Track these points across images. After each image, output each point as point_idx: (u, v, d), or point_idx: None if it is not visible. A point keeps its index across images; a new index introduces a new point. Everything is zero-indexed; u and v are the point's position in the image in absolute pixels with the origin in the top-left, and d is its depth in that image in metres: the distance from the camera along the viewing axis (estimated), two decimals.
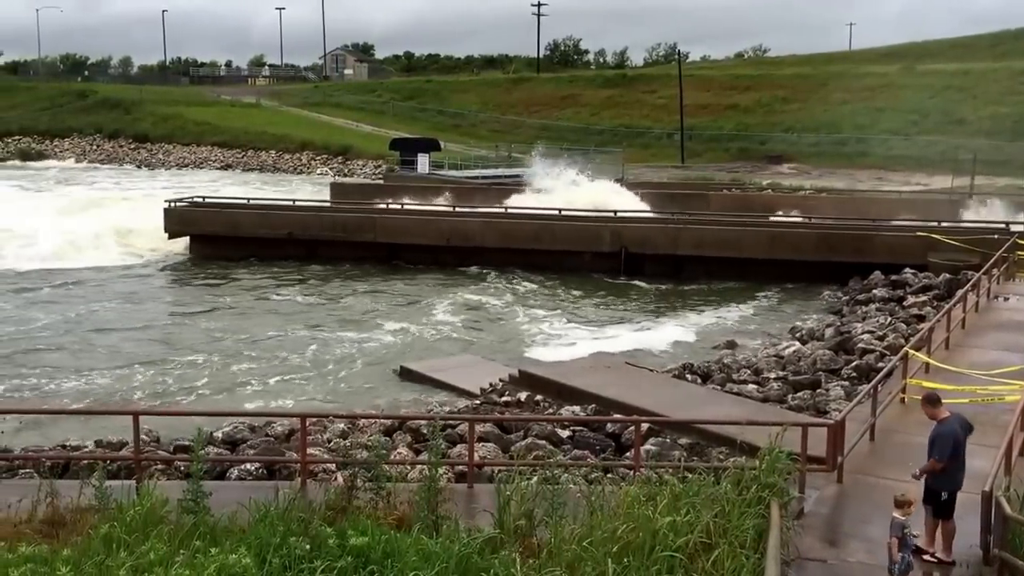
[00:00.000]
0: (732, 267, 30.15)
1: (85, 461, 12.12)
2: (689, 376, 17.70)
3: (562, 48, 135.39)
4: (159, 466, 12.37)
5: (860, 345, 19.37)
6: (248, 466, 12.31)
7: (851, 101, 67.06)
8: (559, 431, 14.02)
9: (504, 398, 16.48)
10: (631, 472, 11.31)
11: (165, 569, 6.57)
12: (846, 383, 17.10)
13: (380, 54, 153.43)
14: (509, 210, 36.51)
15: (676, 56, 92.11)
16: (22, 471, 12.18)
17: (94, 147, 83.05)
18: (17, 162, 77.72)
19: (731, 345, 21.68)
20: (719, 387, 16.98)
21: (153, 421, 14.46)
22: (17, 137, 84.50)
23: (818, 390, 16.70)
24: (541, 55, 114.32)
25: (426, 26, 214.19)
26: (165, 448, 13.65)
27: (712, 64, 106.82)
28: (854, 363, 18.31)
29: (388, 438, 13.82)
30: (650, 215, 35.49)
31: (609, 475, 12.12)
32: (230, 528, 8.14)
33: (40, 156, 79.93)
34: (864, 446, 11.67)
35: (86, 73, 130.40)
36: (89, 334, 22.92)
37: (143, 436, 12.23)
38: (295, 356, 20.86)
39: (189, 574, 6.51)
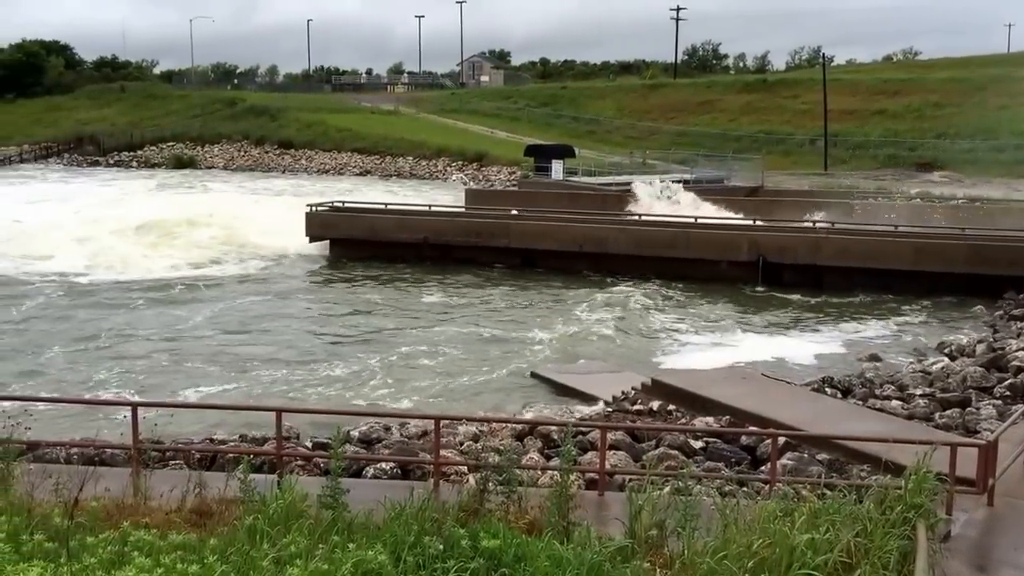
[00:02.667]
0: (877, 278, 29.03)
1: (231, 455, 12.62)
2: (829, 390, 17.12)
3: (700, 53, 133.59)
4: (299, 462, 12.78)
5: (1015, 363, 18.31)
6: (383, 465, 12.58)
7: (1011, 106, 63.55)
8: (692, 442, 13.78)
9: (636, 407, 16.32)
10: (766, 486, 11.00)
11: (305, 562, 6.75)
12: (999, 402, 16.18)
13: (516, 61, 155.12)
14: (643, 217, 36.22)
15: (820, 60, 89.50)
16: (173, 462, 12.78)
17: (241, 153, 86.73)
18: (170, 168, 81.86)
19: (874, 359, 20.85)
20: (860, 402, 16.35)
21: (294, 418, 14.95)
22: (171, 143, 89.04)
23: (968, 409, 15.87)
24: (679, 60, 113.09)
25: (563, 32, 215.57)
26: (305, 445, 14.09)
27: (859, 68, 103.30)
28: (1008, 381, 17.31)
29: (519, 443, 13.88)
30: (790, 224, 34.54)
31: (743, 488, 11.82)
32: (366, 525, 8.31)
33: (192, 162, 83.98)
34: (1018, 469, 11.01)
35: (235, 81, 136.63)
36: (233, 335, 23.91)
37: (284, 432, 12.65)
38: (429, 358, 21.22)
39: (328, 568, 6.67)
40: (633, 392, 17.29)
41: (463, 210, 40.77)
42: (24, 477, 8.90)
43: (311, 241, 36.21)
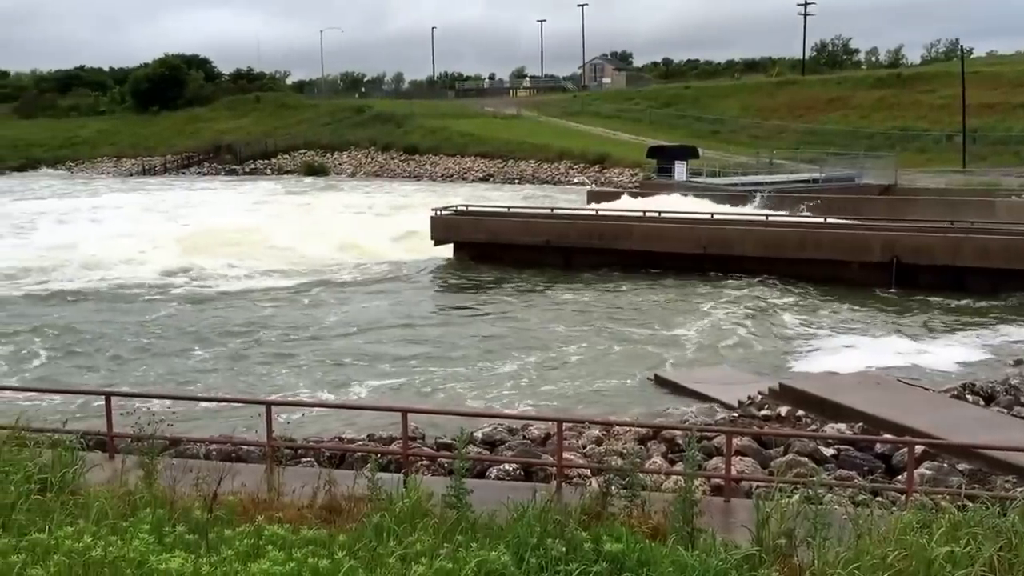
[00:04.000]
0: (1023, 280, 27.55)
1: (359, 453, 12.94)
2: (970, 397, 16.32)
3: (830, 48, 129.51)
4: (424, 462, 12.99)
5: None
6: (506, 466, 12.66)
7: None
8: (823, 449, 13.36)
9: (763, 412, 15.94)
10: (902, 496, 10.57)
11: (430, 560, 6.84)
12: None
13: (639, 62, 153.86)
14: (770, 218, 35.39)
15: (959, 52, 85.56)
16: (304, 460, 13.18)
17: (368, 159, 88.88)
18: (301, 175, 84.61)
19: (1020, 364, 19.78)
20: (1005, 410, 15.53)
21: (419, 419, 15.19)
22: (302, 151, 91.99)
23: None
24: (807, 56, 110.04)
25: (687, 32, 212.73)
26: (429, 445, 14.31)
27: (1000, 60, 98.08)
28: None
29: (643, 446, 13.74)
30: (926, 223, 33.13)
31: (878, 498, 11.37)
32: (489, 525, 8.36)
33: (322, 169, 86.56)
34: None
35: (363, 90, 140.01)
36: (360, 336, 24.50)
37: (410, 433, 12.88)
38: (551, 360, 21.26)
39: (452, 567, 6.74)
40: (760, 397, 16.90)
41: (585, 212, 40.70)
42: (167, 472, 9.32)
43: (436, 244, 36.78)
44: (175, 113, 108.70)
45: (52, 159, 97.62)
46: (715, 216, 35.69)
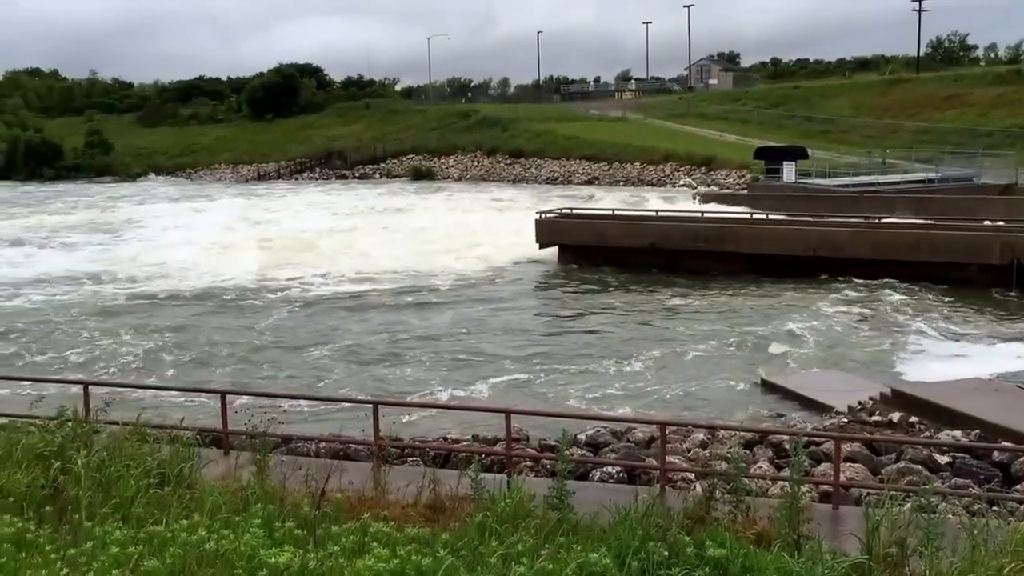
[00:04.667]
0: None
1: (463, 453, 13.09)
2: None
3: (946, 45, 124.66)
4: (527, 463, 13.04)
5: None
6: (609, 469, 12.61)
7: None
8: (937, 456, 12.88)
9: (874, 418, 15.44)
10: (1021, 507, 10.12)
11: (531, 561, 6.87)
12: None
13: (746, 62, 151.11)
14: (882, 219, 34.32)
15: None
16: (410, 459, 13.41)
17: (474, 163, 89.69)
18: (409, 179, 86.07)
19: None
20: None
21: (523, 420, 15.26)
22: (410, 155, 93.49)
23: None
24: (921, 54, 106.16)
25: (795, 31, 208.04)
26: (533, 446, 14.37)
27: None
28: None
29: (748, 451, 13.50)
30: None
31: (994, 508, 10.91)
32: (591, 527, 8.36)
33: (429, 173, 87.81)
34: None
35: (469, 95, 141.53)
36: (466, 337, 24.76)
37: (513, 434, 12.96)
38: (656, 363, 21.09)
39: (553, 568, 6.76)
40: (871, 402, 16.38)
41: (690, 215, 40.21)
42: (278, 468, 9.62)
43: (540, 247, 36.89)
44: (288, 120, 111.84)
45: (173, 166, 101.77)
46: (825, 218, 34.78)
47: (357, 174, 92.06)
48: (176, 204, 67.64)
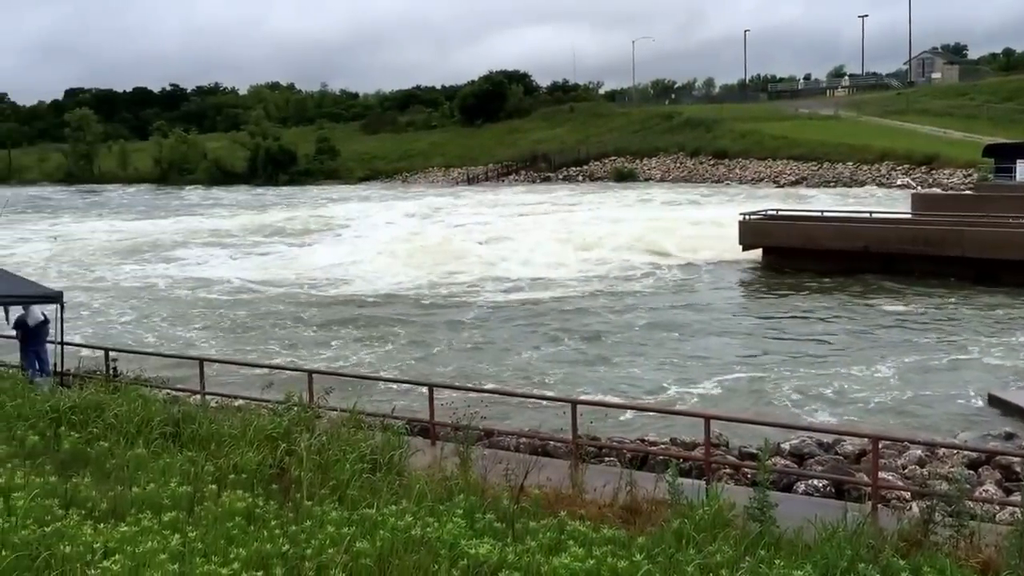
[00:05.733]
0: None
1: (660, 456, 12.94)
2: None
3: None
4: (727, 470, 12.74)
5: None
6: (815, 482, 12.11)
7: None
8: None
9: None
10: None
11: (731, 572, 6.68)
12: None
13: (974, 54, 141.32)
14: None
15: None
16: (607, 459, 13.40)
17: (677, 164, 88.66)
18: (611, 181, 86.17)
19: None
20: None
21: (723, 425, 14.92)
22: (612, 157, 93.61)
23: None
24: None
25: None
26: (733, 453, 14.01)
27: None
28: None
29: (973, 472, 12.58)
30: None
31: None
32: (795, 543, 8.04)
33: (631, 175, 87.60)
34: None
35: (673, 96, 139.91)
36: (668, 339, 24.47)
37: (713, 439, 12.68)
38: (868, 373, 20.06)
39: None
40: None
41: (909, 217, 37.98)
42: (480, 461, 9.85)
43: (744, 250, 35.98)
44: (496, 125, 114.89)
45: (391, 170, 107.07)
46: None
47: (561, 176, 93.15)
48: (384, 205, 70.74)
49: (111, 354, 17.21)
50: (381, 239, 46.28)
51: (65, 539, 5.67)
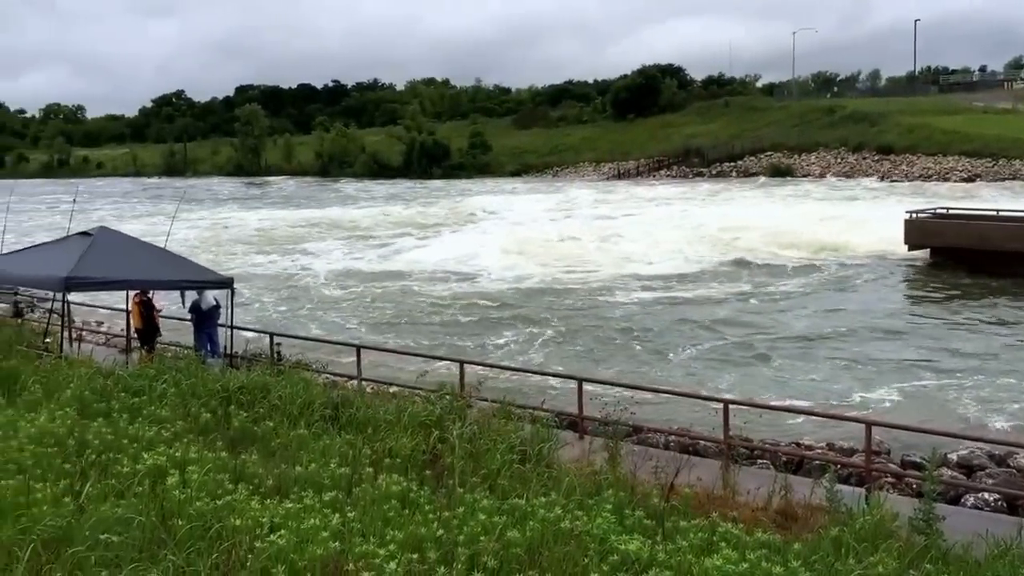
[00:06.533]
0: None
1: (817, 461, 12.52)
2: None
3: None
4: (888, 479, 12.21)
5: None
6: (985, 495, 11.45)
7: None
8: None
9: None
10: None
11: None
12: None
13: None
14: None
15: None
16: (759, 461, 13.07)
17: (838, 160, 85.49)
18: (767, 177, 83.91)
19: None
20: None
21: (884, 433, 14.30)
22: (768, 153, 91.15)
23: None
24: None
25: None
26: (895, 462, 13.42)
27: None
28: None
29: None
30: None
31: None
32: (963, 558, 7.63)
33: (788, 170, 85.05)
34: None
35: (835, 89, 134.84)
36: (830, 339, 23.63)
37: (874, 446, 12.18)
38: None
39: None
40: None
41: None
42: (629, 457, 9.78)
43: (910, 249, 34.40)
44: (649, 120, 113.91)
45: (542, 165, 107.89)
46: None
47: (714, 171, 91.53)
48: (533, 199, 71.21)
49: (275, 339, 18.00)
50: (522, 234, 46.69)
51: (235, 512, 5.96)
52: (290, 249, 45.65)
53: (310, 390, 10.49)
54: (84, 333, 21.50)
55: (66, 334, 18.21)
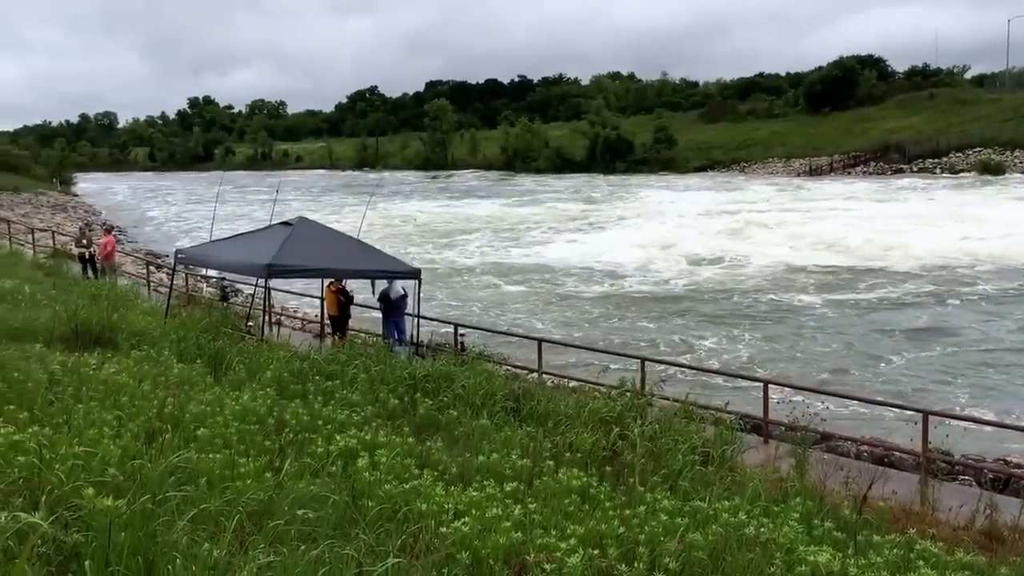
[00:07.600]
0: None
1: None
2: None
3: None
4: None
5: None
6: None
7: None
8: None
9: None
10: None
11: None
12: None
13: None
14: None
15: None
16: (961, 477, 12.27)
17: None
18: (976, 174, 78.56)
19: None
20: None
21: None
22: (977, 149, 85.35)
23: None
24: None
25: None
26: None
27: None
28: None
29: None
30: None
31: None
32: None
33: (999, 168, 79.31)
34: None
35: None
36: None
37: None
38: None
39: None
40: None
41: None
42: (817, 465, 9.40)
43: None
44: (845, 113, 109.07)
45: (728, 160, 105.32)
46: None
47: (915, 168, 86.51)
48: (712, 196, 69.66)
49: (459, 330, 18.41)
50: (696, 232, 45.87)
51: (421, 497, 6.11)
52: (446, 244, 46.63)
53: (492, 381, 10.64)
54: (282, 318, 22.75)
55: (266, 318, 19.27)
